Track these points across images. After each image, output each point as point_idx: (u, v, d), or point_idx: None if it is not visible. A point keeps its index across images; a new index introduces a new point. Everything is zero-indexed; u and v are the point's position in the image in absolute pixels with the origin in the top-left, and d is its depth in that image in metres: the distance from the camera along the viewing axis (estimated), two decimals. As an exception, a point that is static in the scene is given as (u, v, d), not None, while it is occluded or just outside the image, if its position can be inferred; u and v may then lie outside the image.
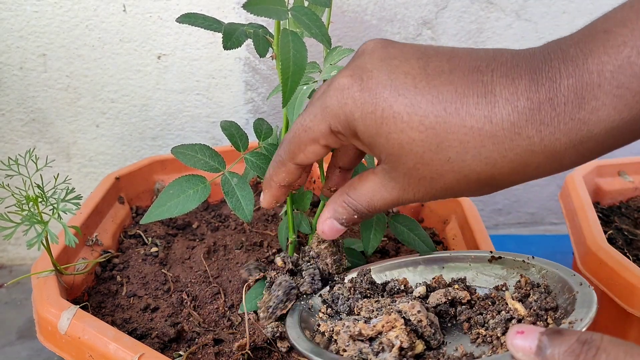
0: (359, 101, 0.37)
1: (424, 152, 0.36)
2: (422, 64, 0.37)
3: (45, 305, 0.48)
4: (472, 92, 0.35)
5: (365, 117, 0.37)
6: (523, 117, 0.34)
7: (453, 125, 0.35)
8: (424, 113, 0.36)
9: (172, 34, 0.77)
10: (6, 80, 0.76)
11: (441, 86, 0.36)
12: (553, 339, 0.31)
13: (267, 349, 0.49)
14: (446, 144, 0.36)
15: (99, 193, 0.63)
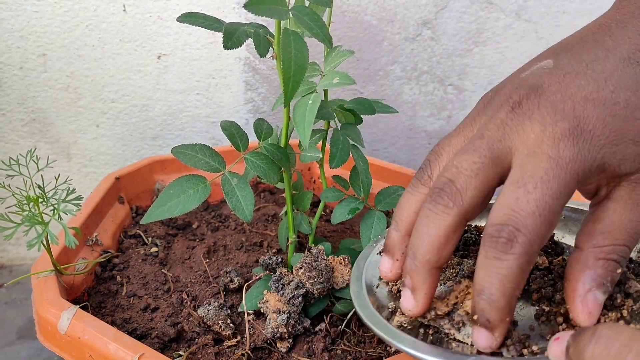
0: (596, 133, 0.33)
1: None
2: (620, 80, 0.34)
3: (45, 305, 0.48)
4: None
5: (611, 139, 0.33)
6: None
7: None
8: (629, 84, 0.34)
9: (172, 34, 0.77)
10: (6, 80, 0.77)
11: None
12: (575, 338, 0.30)
13: (267, 349, 0.49)
14: None
15: (99, 193, 0.63)
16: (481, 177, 0.34)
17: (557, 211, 0.32)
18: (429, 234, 0.35)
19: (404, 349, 0.34)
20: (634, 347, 0.27)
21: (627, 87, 0.34)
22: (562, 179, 0.32)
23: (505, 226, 0.32)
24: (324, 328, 0.51)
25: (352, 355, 0.49)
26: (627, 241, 0.34)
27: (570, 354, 0.30)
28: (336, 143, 0.52)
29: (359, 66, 0.83)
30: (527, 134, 0.33)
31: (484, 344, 0.34)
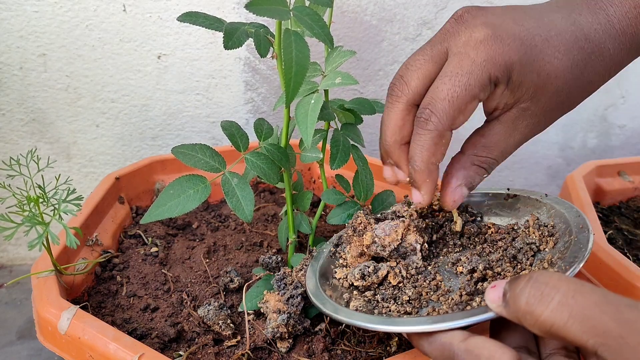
0: (515, 48, 0.40)
1: (565, 74, 0.41)
2: (533, 19, 0.42)
3: (46, 305, 0.48)
4: (581, 32, 0.42)
5: (523, 61, 0.40)
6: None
7: (577, 50, 0.41)
8: (557, 44, 0.41)
9: (172, 34, 0.77)
10: (6, 81, 0.76)
11: (561, 30, 0.42)
12: (512, 284, 0.34)
13: (267, 349, 0.49)
14: (575, 64, 0.42)
15: (99, 193, 0.63)
16: (423, 70, 0.42)
17: (467, 99, 0.40)
18: (388, 118, 0.44)
19: (360, 324, 0.42)
20: (561, 287, 0.31)
21: (549, 28, 0.41)
22: (474, 74, 0.40)
23: (425, 109, 0.41)
24: (324, 328, 0.51)
25: (352, 355, 0.49)
26: (498, 157, 0.44)
27: (508, 298, 0.34)
28: (336, 144, 0.52)
29: (359, 66, 0.83)
30: (460, 37, 0.41)
31: (415, 199, 0.45)
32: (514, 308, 0.33)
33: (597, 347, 0.29)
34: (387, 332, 0.42)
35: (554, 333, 0.31)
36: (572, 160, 0.99)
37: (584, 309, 0.30)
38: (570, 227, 0.45)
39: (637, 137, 0.97)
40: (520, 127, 0.43)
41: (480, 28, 0.41)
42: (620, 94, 0.94)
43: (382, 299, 0.45)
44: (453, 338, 0.36)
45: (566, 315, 0.30)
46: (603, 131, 0.97)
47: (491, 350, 0.33)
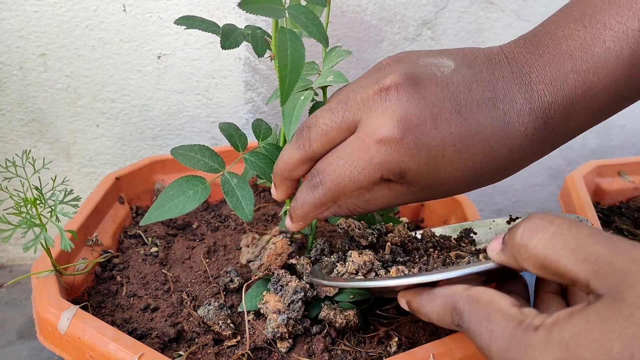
0: (415, 157, 0.40)
1: (460, 180, 0.42)
2: (445, 91, 0.41)
3: (45, 305, 0.48)
4: (486, 105, 0.40)
5: (420, 168, 0.40)
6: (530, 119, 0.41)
7: (475, 125, 0.40)
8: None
9: (172, 34, 0.77)
10: (6, 80, 0.77)
11: (466, 100, 0.40)
12: (510, 231, 0.34)
13: (267, 349, 0.49)
14: (470, 153, 0.40)
15: (99, 193, 0.63)
16: (327, 137, 0.42)
17: (352, 188, 0.42)
18: (285, 158, 0.46)
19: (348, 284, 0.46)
20: (555, 221, 0.32)
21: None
22: (366, 171, 0.41)
23: (316, 176, 0.43)
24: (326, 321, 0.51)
25: (352, 355, 0.49)
26: (368, 210, 0.45)
27: (506, 239, 0.35)
28: None
29: (359, 66, 0.83)
30: (373, 120, 0.40)
31: (287, 224, 0.48)
32: (510, 246, 0.34)
33: (589, 277, 0.29)
34: (390, 287, 0.43)
35: (547, 266, 0.31)
36: (572, 160, 0.99)
37: (577, 239, 0.30)
38: None
39: (637, 137, 0.97)
40: (401, 197, 0.43)
41: (391, 122, 0.40)
42: (621, 94, 0.94)
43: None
44: (455, 289, 0.37)
45: (559, 245, 0.31)
46: (603, 131, 0.97)
47: (491, 295, 0.34)
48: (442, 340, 0.46)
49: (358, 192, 0.43)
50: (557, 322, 0.30)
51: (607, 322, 0.28)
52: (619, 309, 0.28)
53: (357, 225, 0.53)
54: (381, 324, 0.52)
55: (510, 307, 0.33)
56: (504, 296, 0.34)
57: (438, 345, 0.45)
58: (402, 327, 0.52)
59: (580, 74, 0.40)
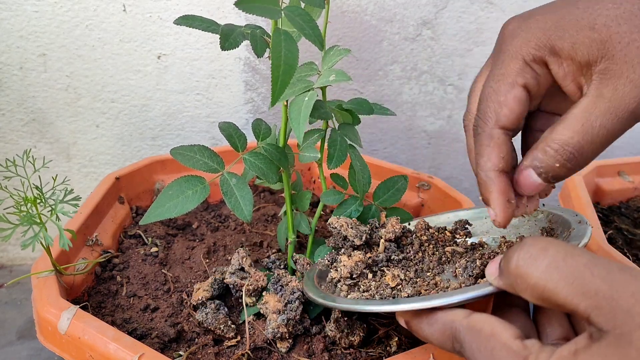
0: (544, 20, 0.36)
1: (631, 19, 0.34)
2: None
3: (46, 305, 0.48)
4: None
5: (560, 24, 0.36)
6: None
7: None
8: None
9: (172, 34, 0.77)
10: (6, 81, 0.77)
11: None
12: (506, 254, 0.33)
13: (267, 349, 0.49)
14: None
15: (99, 193, 0.63)
16: (477, 92, 0.41)
17: (505, 89, 0.37)
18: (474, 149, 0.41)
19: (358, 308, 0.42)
20: (550, 250, 0.30)
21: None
22: (505, 63, 0.37)
23: (483, 103, 0.39)
24: (324, 328, 0.51)
25: (352, 356, 0.49)
26: (577, 136, 0.36)
27: (502, 266, 0.33)
28: (333, 143, 0.52)
29: (359, 66, 0.83)
30: (500, 43, 0.39)
31: (491, 218, 0.40)
32: (506, 274, 0.32)
33: (589, 311, 0.28)
34: (386, 313, 0.43)
35: (546, 298, 0.30)
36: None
37: (574, 271, 0.29)
38: (569, 224, 0.45)
39: (637, 137, 0.97)
40: (608, 94, 0.35)
41: (512, 23, 0.38)
42: (621, 94, 0.94)
43: (380, 298, 0.44)
44: (455, 316, 0.35)
45: (556, 277, 0.29)
46: (603, 131, 0.96)
47: (493, 326, 0.33)
48: (442, 340, 0.46)
49: (511, 91, 0.37)
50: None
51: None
52: (626, 353, 0.27)
53: (349, 224, 0.52)
54: (381, 324, 0.52)
55: (513, 340, 0.32)
56: (505, 327, 0.33)
57: (438, 345, 0.45)
58: (402, 327, 0.52)
59: None
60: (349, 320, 0.50)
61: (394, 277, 0.46)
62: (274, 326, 0.48)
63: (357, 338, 0.49)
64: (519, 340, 0.32)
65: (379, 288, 0.45)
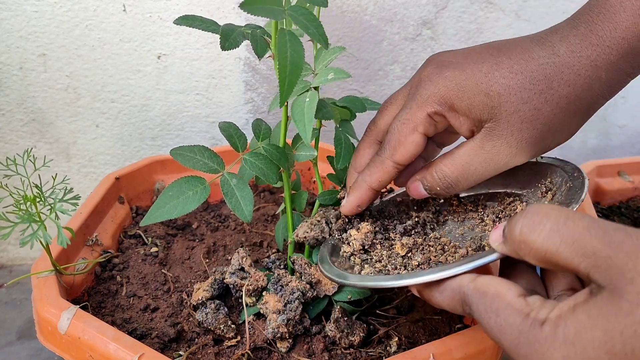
0: (452, 77, 0.43)
1: (521, 92, 0.41)
2: (484, 48, 0.45)
3: (45, 305, 0.48)
4: (538, 47, 0.43)
5: (462, 86, 0.43)
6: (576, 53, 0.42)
7: (535, 65, 0.42)
8: (508, 65, 0.42)
9: (172, 34, 0.77)
10: (6, 81, 0.77)
11: (512, 50, 0.43)
12: (509, 220, 0.35)
13: (267, 349, 0.49)
14: (535, 80, 0.41)
15: (98, 193, 0.63)
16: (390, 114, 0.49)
17: (406, 132, 0.45)
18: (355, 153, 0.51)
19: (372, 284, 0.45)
20: (552, 215, 0.32)
21: (507, 50, 0.43)
22: (413, 111, 0.45)
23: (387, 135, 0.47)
24: (324, 328, 0.51)
25: (352, 356, 0.49)
26: (456, 172, 0.45)
27: (506, 232, 0.35)
28: (339, 142, 0.53)
29: (359, 66, 0.83)
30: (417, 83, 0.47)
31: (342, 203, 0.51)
32: (510, 241, 0.35)
33: (588, 269, 0.31)
34: (399, 287, 0.46)
35: (548, 260, 0.32)
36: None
37: (574, 234, 0.31)
38: (566, 177, 0.47)
39: (637, 137, 0.97)
40: (487, 147, 0.43)
41: (429, 67, 0.45)
42: (621, 94, 0.94)
43: (393, 268, 0.46)
44: (462, 281, 0.38)
45: (557, 241, 0.32)
46: (603, 131, 0.97)
47: (497, 287, 0.35)
48: (442, 340, 0.46)
49: (412, 135, 0.45)
50: (561, 317, 0.31)
51: (608, 318, 0.29)
52: (619, 305, 0.29)
53: (311, 228, 0.52)
54: (381, 324, 0.52)
55: (516, 298, 0.34)
56: (509, 286, 0.35)
57: (438, 345, 0.45)
58: (402, 327, 0.52)
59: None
60: (349, 320, 0.50)
61: (402, 245, 0.47)
62: (274, 326, 0.48)
63: (357, 338, 0.49)
64: (522, 297, 0.34)
65: (390, 258, 0.47)
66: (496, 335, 0.34)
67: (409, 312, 0.55)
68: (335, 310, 0.50)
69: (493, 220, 0.48)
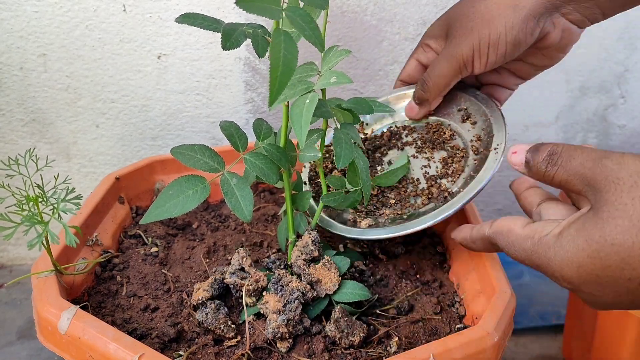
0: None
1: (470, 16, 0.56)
2: None
3: (46, 305, 0.48)
4: None
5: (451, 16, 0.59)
6: None
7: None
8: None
9: (172, 34, 0.77)
10: (6, 81, 0.77)
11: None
12: (533, 153, 0.44)
13: (267, 349, 0.49)
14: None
15: (99, 193, 0.63)
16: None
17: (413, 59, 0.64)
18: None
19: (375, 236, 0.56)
20: (563, 153, 0.42)
21: None
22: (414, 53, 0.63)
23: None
24: (324, 328, 0.51)
25: (352, 356, 0.49)
26: (429, 72, 0.59)
27: (532, 165, 0.44)
28: (339, 142, 0.52)
29: (359, 66, 0.83)
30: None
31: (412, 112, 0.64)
32: (536, 171, 0.44)
33: (584, 191, 0.40)
34: (413, 232, 0.54)
35: (565, 186, 0.42)
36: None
37: (576, 168, 0.41)
38: (482, 108, 0.60)
39: (637, 137, 0.97)
40: (448, 48, 0.56)
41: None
42: (620, 94, 0.94)
43: (374, 209, 0.58)
44: (483, 229, 0.47)
45: (566, 175, 0.41)
46: (603, 131, 0.97)
47: (508, 224, 0.44)
48: (442, 340, 0.46)
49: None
50: (561, 231, 0.40)
51: (588, 230, 0.38)
52: (596, 220, 0.38)
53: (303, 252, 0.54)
54: (381, 324, 0.53)
55: (522, 228, 0.43)
56: (516, 221, 0.44)
57: (438, 345, 0.45)
58: (402, 327, 0.52)
59: None
60: (349, 320, 0.50)
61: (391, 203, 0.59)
62: (274, 326, 0.48)
63: (357, 338, 0.49)
64: (528, 226, 0.43)
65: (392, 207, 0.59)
66: (519, 259, 0.43)
67: (409, 312, 0.55)
68: (335, 310, 0.50)
69: (426, 144, 0.61)
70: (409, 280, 0.59)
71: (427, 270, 0.60)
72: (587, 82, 0.91)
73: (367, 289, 0.52)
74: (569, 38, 0.56)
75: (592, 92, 0.93)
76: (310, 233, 0.54)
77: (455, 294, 0.57)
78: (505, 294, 0.51)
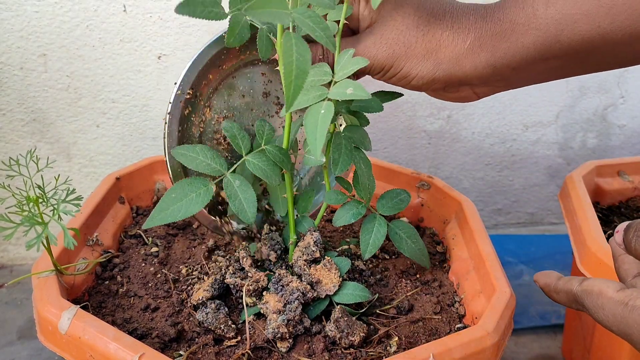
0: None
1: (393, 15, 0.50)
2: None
3: (46, 305, 0.48)
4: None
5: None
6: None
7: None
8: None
9: (172, 34, 0.77)
10: (7, 81, 0.77)
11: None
12: (626, 234, 0.44)
13: (267, 349, 0.49)
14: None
15: (99, 193, 0.63)
16: None
17: None
18: None
19: None
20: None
21: None
22: None
23: None
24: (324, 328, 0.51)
25: (352, 356, 0.49)
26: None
27: (626, 244, 0.44)
28: (338, 148, 0.51)
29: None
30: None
31: None
32: (628, 249, 0.44)
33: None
34: None
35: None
36: (572, 160, 0.99)
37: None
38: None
39: (637, 137, 0.97)
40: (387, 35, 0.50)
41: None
42: (620, 94, 0.94)
43: None
44: (571, 284, 0.45)
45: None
46: (603, 131, 0.97)
47: (600, 286, 0.42)
48: (442, 340, 0.46)
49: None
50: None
51: None
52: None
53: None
54: (381, 324, 0.53)
55: (616, 293, 0.41)
56: (609, 284, 0.42)
57: (438, 345, 0.45)
58: (402, 327, 0.52)
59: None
60: (349, 320, 0.50)
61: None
62: (274, 326, 0.48)
63: (357, 338, 0.49)
64: (621, 291, 0.41)
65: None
66: (606, 324, 0.41)
67: (409, 312, 0.55)
68: (335, 310, 0.50)
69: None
70: (409, 280, 0.59)
71: (427, 270, 0.60)
72: (586, 82, 0.92)
73: (367, 290, 0.52)
74: (473, 98, 0.54)
75: (592, 92, 0.93)
76: (312, 234, 0.54)
77: (455, 294, 0.57)
78: (505, 294, 0.51)
